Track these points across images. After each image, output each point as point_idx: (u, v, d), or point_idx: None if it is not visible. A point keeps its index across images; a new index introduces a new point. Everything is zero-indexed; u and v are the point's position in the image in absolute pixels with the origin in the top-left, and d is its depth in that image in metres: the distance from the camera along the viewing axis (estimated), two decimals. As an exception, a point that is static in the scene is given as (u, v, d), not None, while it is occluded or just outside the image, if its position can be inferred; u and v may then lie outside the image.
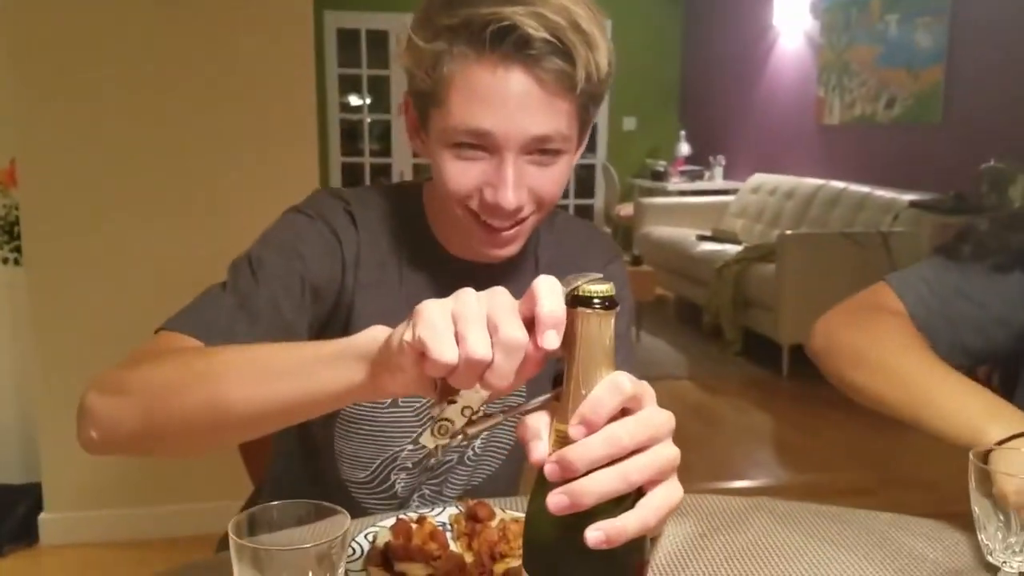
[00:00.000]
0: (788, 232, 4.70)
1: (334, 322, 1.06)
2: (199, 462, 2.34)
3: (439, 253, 1.10)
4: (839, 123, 5.81)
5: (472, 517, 0.94)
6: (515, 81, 0.90)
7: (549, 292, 0.58)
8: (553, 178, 0.98)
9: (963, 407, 0.96)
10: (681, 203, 6.74)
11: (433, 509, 1.00)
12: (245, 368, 0.76)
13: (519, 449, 1.23)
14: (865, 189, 5.02)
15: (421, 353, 0.59)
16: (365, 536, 0.91)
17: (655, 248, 6.07)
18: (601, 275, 0.60)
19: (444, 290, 1.13)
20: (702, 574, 0.90)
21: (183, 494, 2.59)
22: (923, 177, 4.78)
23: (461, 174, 0.96)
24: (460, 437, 0.63)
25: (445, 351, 0.58)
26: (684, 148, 7.54)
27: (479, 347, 0.58)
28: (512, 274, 1.10)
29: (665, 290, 6.02)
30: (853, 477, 3.31)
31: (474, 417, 0.63)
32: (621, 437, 0.56)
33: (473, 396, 0.62)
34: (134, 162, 2.49)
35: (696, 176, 7.28)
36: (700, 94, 7.74)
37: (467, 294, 0.60)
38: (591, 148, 7.86)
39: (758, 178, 6.33)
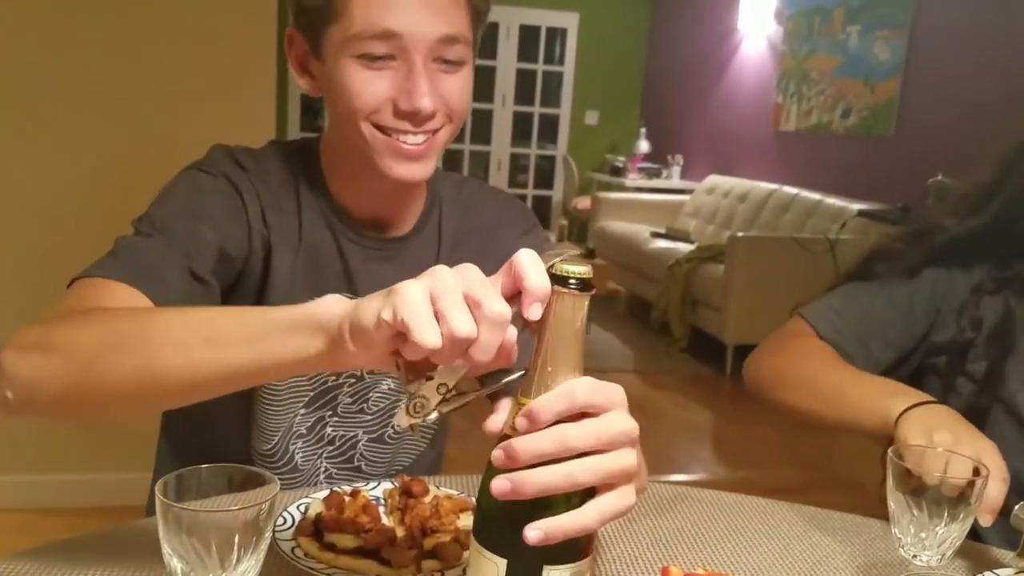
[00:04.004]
0: (739, 234, 4.76)
1: (245, 284, 1.01)
2: (133, 432, 2.31)
3: (336, 210, 1.05)
4: (795, 130, 5.89)
5: (406, 492, 0.94)
6: None
7: (534, 265, 0.58)
8: (460, 87, 0.97)
9: (869, 394, 1.05)
10: (637, 199, 6.79)
11: (368, 483, 1.00)
12: (187, 333, 0.72)
13: (442, 433, 1.23)
14: (816, 196, 5.11)
15: (399, 334, 0.58)
16: (297, 507, 0.92)
17: (609, 242, 6.12)
18: (579, 251, 0.61)
19: (342, 252, 1.04)
20: (627, 558, 0.92)
21: (114, 463, 2.54)
22: (873, 188, 4.88)
23: (369, 85, 0.93)
24: (435, 415, 0.62)
25: (429, 335, 0.57)
26: (643, 145, 7.58)
27: (463, 325, 0.57)
28: (413, 240, 1.08)
29: (617, 284, 6.06)
30: (785, 476, 3.39)
31: (448, 395, 0.62)
32: (568, 438, 0.57)
33: (448, 373, 0.61)
34: (85, 131, 2.43)
35: (654, 174, 7.34)
36: (662, 93, 7.79)
37: (441, 271, 0.60)
38: (552, 139, 7.87)
39: (713, 179, 6.40)
